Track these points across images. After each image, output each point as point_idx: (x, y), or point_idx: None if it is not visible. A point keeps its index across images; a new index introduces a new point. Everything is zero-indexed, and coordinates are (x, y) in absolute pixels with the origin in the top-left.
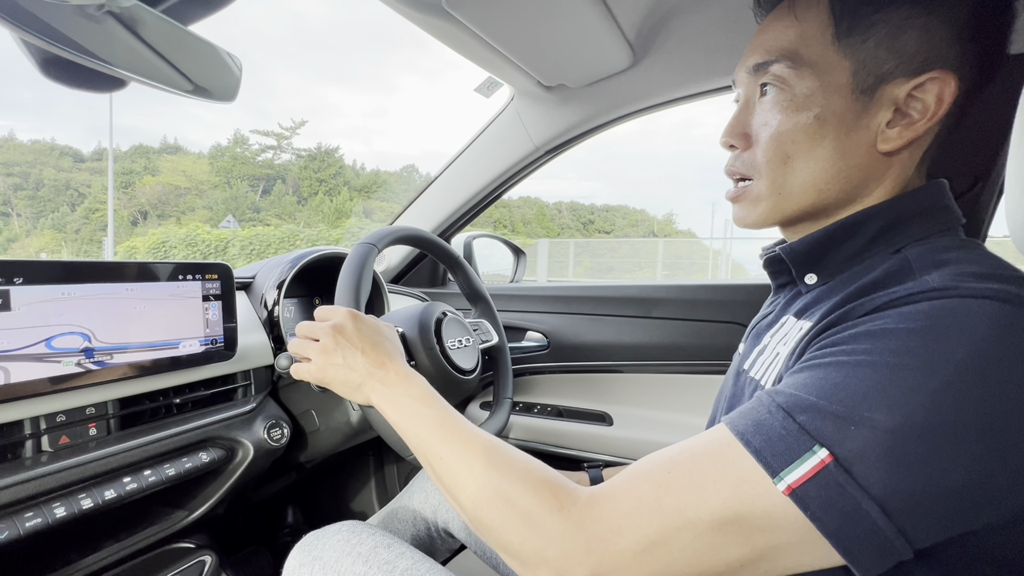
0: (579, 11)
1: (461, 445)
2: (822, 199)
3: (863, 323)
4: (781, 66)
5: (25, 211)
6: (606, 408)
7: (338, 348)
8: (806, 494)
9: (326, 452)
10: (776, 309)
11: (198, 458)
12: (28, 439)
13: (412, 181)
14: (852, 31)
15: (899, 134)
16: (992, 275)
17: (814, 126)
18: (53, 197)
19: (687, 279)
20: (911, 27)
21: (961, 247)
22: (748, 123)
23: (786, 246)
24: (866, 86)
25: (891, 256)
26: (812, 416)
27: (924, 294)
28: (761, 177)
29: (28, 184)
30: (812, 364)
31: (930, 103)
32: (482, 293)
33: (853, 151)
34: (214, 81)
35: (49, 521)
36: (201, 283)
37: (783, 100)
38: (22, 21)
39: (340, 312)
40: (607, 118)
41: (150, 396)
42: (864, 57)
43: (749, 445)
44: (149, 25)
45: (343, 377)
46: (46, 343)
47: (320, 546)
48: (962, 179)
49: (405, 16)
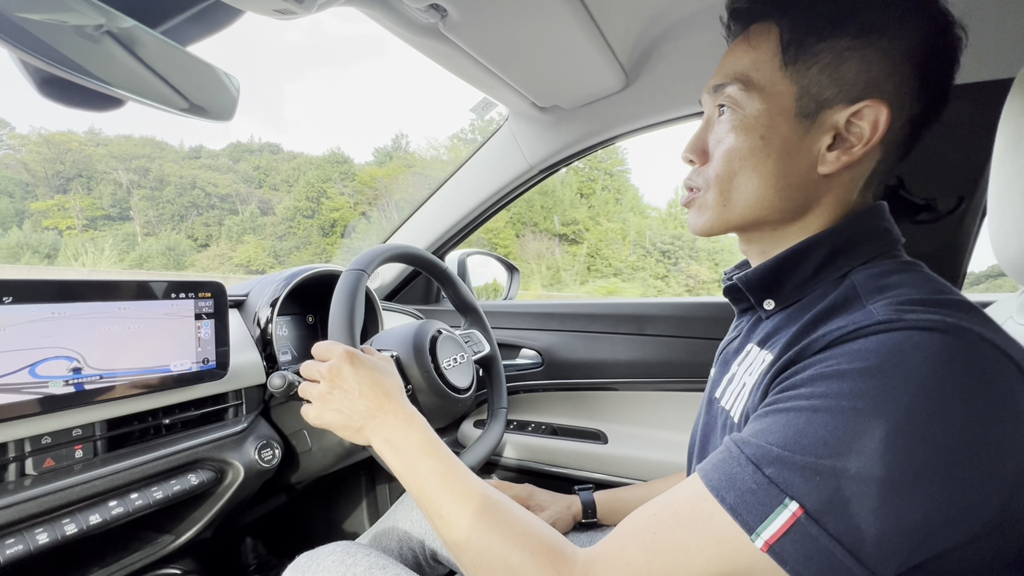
0: (573, 35)
1: (462, 502)
2: (763, 214)
3: (817, 363)
4: (734, 88)
5: (148, 213)
6: (600, 426)
7: (335, 392)
8: (783, 549)
9: (318, 472)
10: (741, 334)
11: (187, 480)
12: (12, 462)
13: None
14: (798, 59)
15: (837, 158)
16: (932, 300)
17: (760, 145)
18: (174, 198)
19: (681, 297)
20: (851, 57)
21: (902, 270)
22: (706, 140)
23: (742, 276)
24: (808, 111)
25: (839, 281)
26: (780, 469)
27: (871, 327)
28: (710, 189)
29: (147, 182)
30: (774, 410)
31: (866, 129)
32: (472, 303)
33: (794, 171)
34: (211, 100)
35: (31, 548)
36: (194, 301)
37: (735, 120)
38: (21, 41)
39: (336, 353)
40: (600, 138)
41: (139, 416)
42: (807, 83)
43: (724, 502)
44: (147, 46)
45: (342, 422)
46: (30, 370)
47: (314, 567)
48: (947, 198)
49: (402, 39)
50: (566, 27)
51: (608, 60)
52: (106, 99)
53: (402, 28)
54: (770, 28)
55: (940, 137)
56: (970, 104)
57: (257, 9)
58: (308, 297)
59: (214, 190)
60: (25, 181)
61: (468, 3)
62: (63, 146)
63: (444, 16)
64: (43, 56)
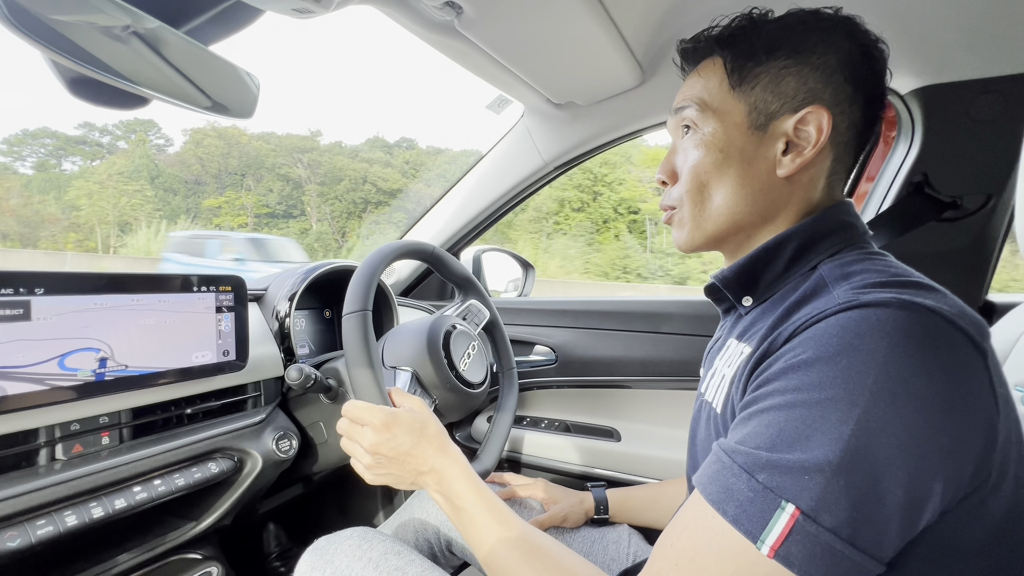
0: (589, 31)
1: (509, 544)
2: (736, 220)
3: (786, 353)
4: (692, 110)
5: (322, 208)
6: (614, 424)
7: (382, 460)
8: (788, 552)
9: (334, 464)
10: (724, 333)
11: (207, 468)
12: (43, 447)
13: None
14: (742, 82)
15: (792, 160)
16: (889, 282)
17: (720, 158)
18: (344, 194)
19: (695, 294)
20: (788, 74)
21: (866, 259)
22: (674, 163)
23: (718, 274)
24: (759, 123)
25: (809, 274)
26: (770, 473)
27: (831, 310)
28: (684, 205)
29: (317, 176)
30: (756, 411)
31: (812, 133)
32: (465, 274)
33: (755, 178)
34: (232, 99)
35: (60, 530)
36: (215, 295)
37: (695, 139)
38: (52, 42)
39: (373, 424)
40: (616, 135)
41: (162, 406)
42: (754, 100)
43: (726, 515)
44: (172, 45)
45: (395, 481)
46: (59, 362)
47: (331, 551)
48: (975, 196)
49: (419, 36)
50: (582, 23)
51: (624, 56)
52: (132, 98)
53: (418, 26)
54: (715, 60)
55: (968, 133)
56: (999, 98)
57: (276, 8)
58: (325, 292)
59: (384, 184)
60: (186, 178)
61: (483, 0)
62: (234, 139)
63: (460, 13)
64: (72, 56)
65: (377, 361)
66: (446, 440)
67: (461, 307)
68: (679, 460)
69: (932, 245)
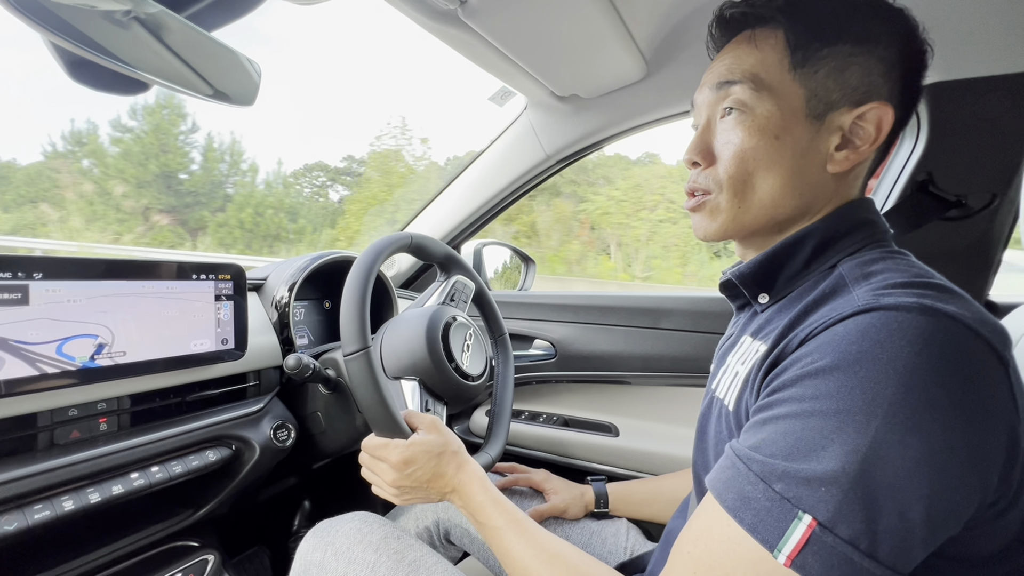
0: (594, 23)
1: (532, 551)
2: (778, 213)
3: (804, 357)
4: (743, 87)
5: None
6: (612, 419)
7: (406, 489)
8: (805, 562)
9: (332, 454)
10: (737, 330)
11: (205, 456)
12: (41, 432)
13: None
14: (805, 62)
15: (846, 157)
16: (911, 283)
17: (774, 146)
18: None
19: (698, 291)
20: (854, 63)
21: (887, 258)
22: (711, 142)
23: (735, 270)
24: (817, 112)
25: (829, 272)
26: (787, 484)
27: (850, 313)
28: (723, 191)
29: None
30: (771, 416)
31: (871, 130)
32: (447, 254)
33: (807, 171)
34: (234, 86)
35: (58, 514)
36: (214, 283)
37: (745, 121)
38: (52, 25)
39: (392, 462)
40: (619, 129)
41: (160, 393)
42: (815, 86)
43: (743, 523)
44: (173, 30)
45: (421, 503)
46: (57, 348)
47: (333, 532)
48: (980, 195)
49: (422, 25)
50: (586, 15)
51: (629, 49)
52: (133, 83)
53: (421, 15)
54: (775, 32)
55: (974, 131)
56: (1007, 97)
57: None
58: (325, 282)
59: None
60: None
61: None
62: None
63: (463, 2)
64: (73, 40)
65: (389, 395)
66: (463, 457)
67: (448, 288)
68: (677, 456)
69: (935, 244)
